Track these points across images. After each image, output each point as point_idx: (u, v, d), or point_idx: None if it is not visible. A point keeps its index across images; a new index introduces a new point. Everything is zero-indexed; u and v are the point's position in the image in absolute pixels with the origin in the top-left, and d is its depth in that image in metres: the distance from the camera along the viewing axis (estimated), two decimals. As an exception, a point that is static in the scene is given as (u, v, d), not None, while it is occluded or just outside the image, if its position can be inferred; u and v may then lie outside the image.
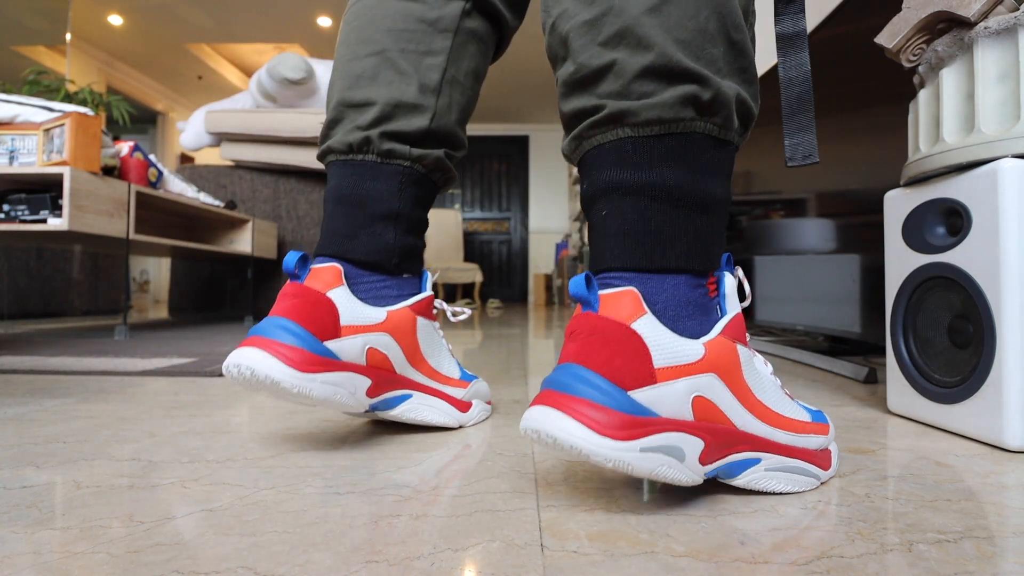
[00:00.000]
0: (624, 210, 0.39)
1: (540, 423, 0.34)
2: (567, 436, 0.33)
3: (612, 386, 0.34)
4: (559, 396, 0.34)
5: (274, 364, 0.44)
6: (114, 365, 1.01)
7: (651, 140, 0.38)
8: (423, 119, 0.55)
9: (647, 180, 0.38)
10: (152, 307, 4.09)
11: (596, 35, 0.39)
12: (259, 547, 0.31)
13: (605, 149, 0.40)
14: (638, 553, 0.31)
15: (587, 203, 0.42)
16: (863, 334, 0.94)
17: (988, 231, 0.53)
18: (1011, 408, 0.50)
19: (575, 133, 0.41)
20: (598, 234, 0.41)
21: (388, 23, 0.56)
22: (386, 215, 0.54)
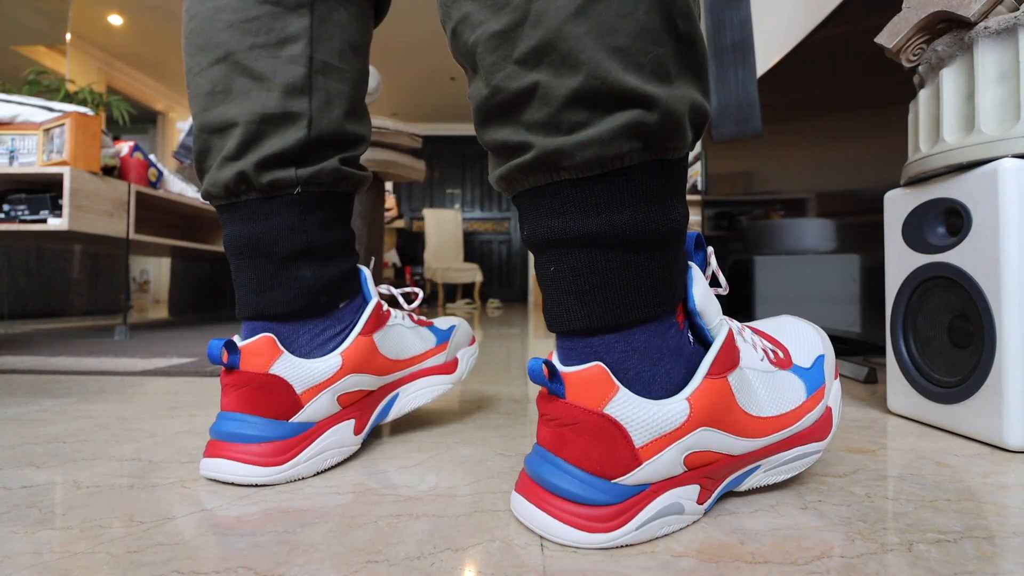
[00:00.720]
0: (574, 265, 0.34)
1: (528, 519, 0.33)
2: (556, 537, 0.32)
3: (594, 479, 0.32)
4: (541, 492, 0.33)
5: (249, 471, 0.41)
6: (114, 365, 1.01)
7: (592, 181, 0.32)
8: (298, 129, 0.46)
9: (594, 229, 0.33)
10: (152, 307, 4.09)
11: (511, 50, 0.32)
12: (259, 547, 0.31)
13: (540, 193, 0.34)
14: (638, 553, 0.31)
15: (532, 250, 0.36)
16: (863, 334, 0.94)
17: (988, 231, 0.53)
18: (1011, 408, 0.50)
19: (503, 173, 0.35)
20: (550, 291, 0.35)
21: (227, 16, 0.45)
22: (295, 255, 0.46)
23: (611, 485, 0.32)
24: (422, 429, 0.58)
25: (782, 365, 0.41)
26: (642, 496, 0.33)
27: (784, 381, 0.40)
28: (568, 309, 0.34)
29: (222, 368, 0.44)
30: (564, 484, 0.32)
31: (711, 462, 0.35)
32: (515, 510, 0.35)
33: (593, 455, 0.32)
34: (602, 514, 0.32)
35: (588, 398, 0.32)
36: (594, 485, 0.32)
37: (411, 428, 0.58)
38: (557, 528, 0.32)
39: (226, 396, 0.43)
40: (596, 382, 0.32)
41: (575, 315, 0.34)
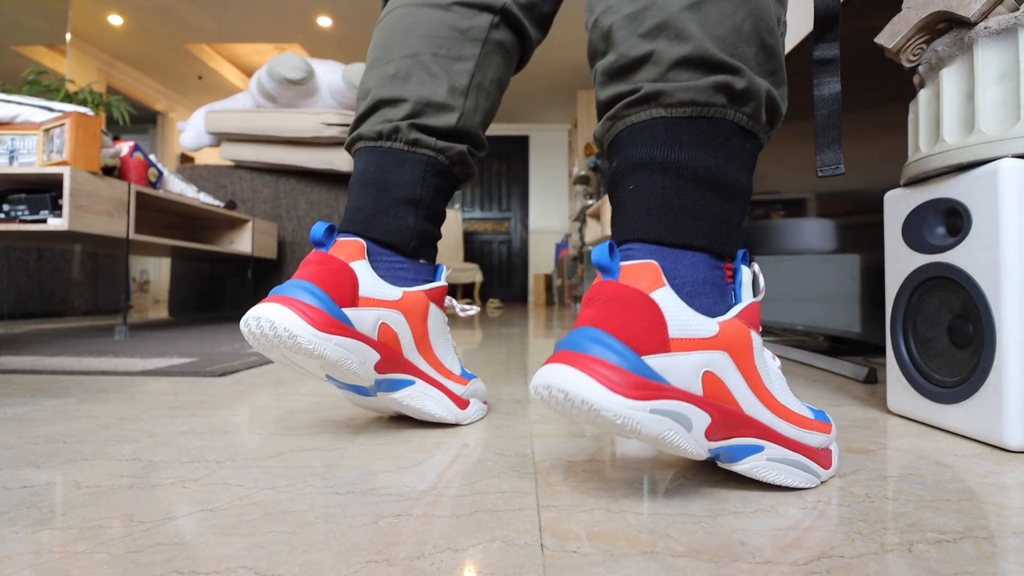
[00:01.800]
0: (652, 185, 0.40)
1: (552, 379, 0.34)
2: (579, 390, 0.33)
3: (627, 348, 0.34)
4: (573, 355, 0.35)
5: (294, 319, 0.45)
6: (114, 365, 1.01)
7: (683, 121, 0.40)
8: (451, 117, 0.59)
9: (676, 159, 0.40)
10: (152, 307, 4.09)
11: (637, 27, 0.42)
12: (259, 547, 0.31)
13: (637, 128, 0.42)
14: (638, 553, 0.31)
15: (615, 180, 0.43)
16: (863, 334, 0.94)
17: (988, 231, 0.53)
18: (1011, 408, 0.50)
19: (610, 114, 0.43)
20: (623, 207, 0.42)
21: (422, 29, 0.59)
22: (408, 200, 0.57)
23: (640, 360, 0.34)
24: (422, 429, 0.58)
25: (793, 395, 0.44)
26: (663, 386, 0.34)
27: (794, 397, 0.43)
28: (636, 220, 0.41)
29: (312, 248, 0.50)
30: (598, 345, 0.34)
31: (724, 400, 0.37)
32: (539, 377, 0.35)
33: (632, 327, 0.35)
34: (626, 380, 0.33)
35: (638, 282, 0.37)
36: (625, 353, 0.34)
37: (411, 428, 0.59)
38: (583, 380, 0.33)
39: (303, 268, 0.50)
40: (648, 273, 0.37)
41: (641, 224, 0.40)
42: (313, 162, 2.39)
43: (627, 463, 0.47)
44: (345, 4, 4.24)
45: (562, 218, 6.52)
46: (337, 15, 4.41)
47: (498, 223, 6.53)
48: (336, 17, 4.45)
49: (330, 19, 4.47)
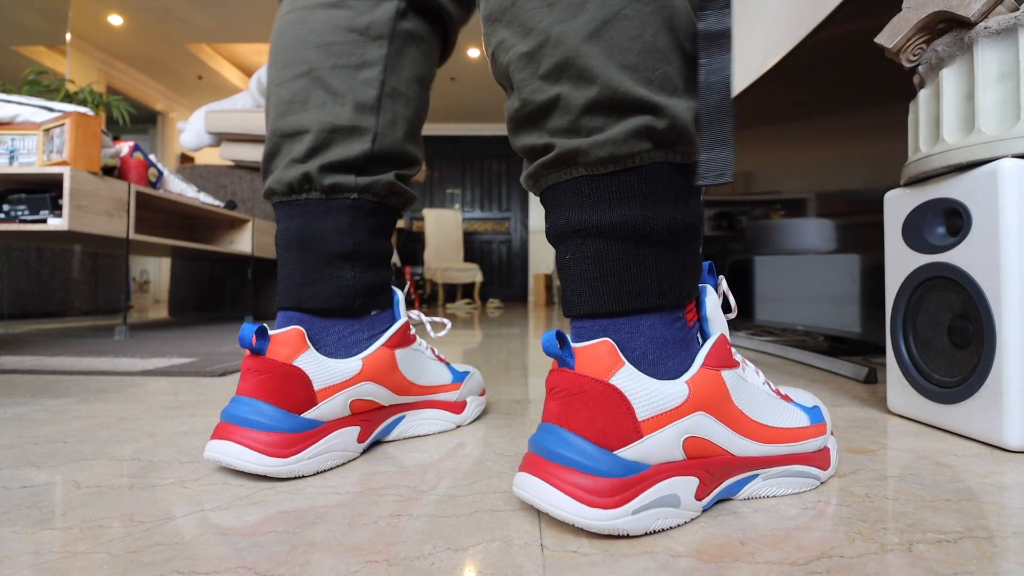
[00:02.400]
0: (587, 253, 0.37)
1: (531, 495, 0.34)
2: (559, 511, 0.32)
3: (597, 449, 0.33)
4: (545, 464, 0.34)
5: (254, 457, 0.41)
6: (114, 365, 1.01)
7: (607, 178, 0.36)
8: (363, 142, 0.50)
9: (607, 220, 0.36)
10: (152, 307, 4.09)
11: (536, 68, 0.36)
12: (259, 547, 0.31)
13: (561, 189, 0.38)
14: (638, 553, 0.31)
15: (554, 243, 0.40)
16: (863, 334, 0.94)
17: (988, 231, 0.53)
18: (1011, 408, 0.50)
19: (530, 172, 0.39)
20: (565, 278, 0.39)
21: (315, 38, 0.50)
22: (340, 255, 0.50)
23: (612, 456, 0.33)
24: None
25: (783, 398, 0.43)
26: (641, 477, 0.33)
27: (785, 406, 0.42)
28: (581, 294, 0.37)
29: (247, 353, 0.45)
30: (567, 452, 0.33)
31: (710, 455, 0.36)
32: (518, 488, 0.35)
33: (597, 423, 0.33)
34: (602, 487, 0.32)
35: (595, 369, 0.34)
36: (595, 455, 0.33)
37: (411, 428, 0.58)
38: (559, 499, 0.32)
39: (245, 380, 0.44)
40: (604, 355, 0.34)
41: (587, 300, 0.37)
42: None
43: (627, 463, 0.47)
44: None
45: (562, 218, 6.51)
46: (337, 15, 4.41)
47: (498, 223, 6.53)
48: (336, 17, 4.44)
49: (330, 19, 4.46)
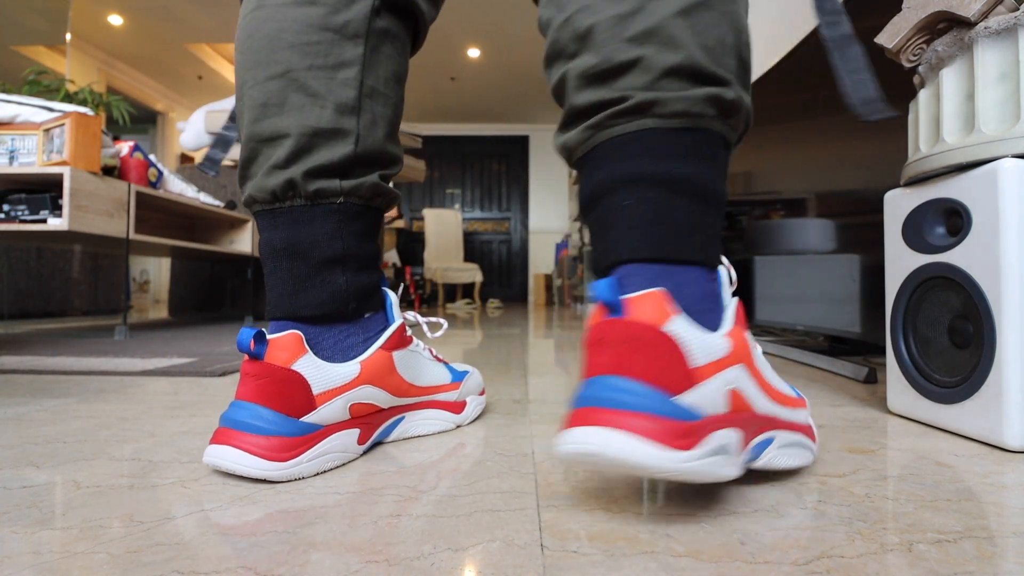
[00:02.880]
0: (650, 199, 0.38)
1: (592, 444, 0.31)
2: (629, 454, 0.31)
3: (658, 393, 0.32)
4: (604, 412, 0.32)
5: (252, 462, 0.41)
6: (114, 365, 1.01)
7: (675, 132, 0.39)
8: (346, 145, 0.50)
9: (671, 172, 0.38)
10: (152, 307, 4.09)
11: (623, 30, 0.39)
12: (259, 547, 0.31)
13: (626, 139, 0.39)
14: (638, 553, 0.31)
15: (597, 195, 0.40)
16: (863, 334, 0.94)
17: (988, 231, 0.53)
18: (1011, 408, 0.50)
19: (591, 123, 0.40)
20: (614, 224, 0.39)
21: (289, 37, 0.49)
22: (331, 260, 0.49)
23: (673, 403, 0.33)
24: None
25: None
26: (701, 424, 0.33)
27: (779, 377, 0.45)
28: (636, 238, 0.39)
29: (245, 357, 0.45)
30: (629, 397, 0.32)
31: (744, 409, 0.38)
32: (572, 446, 0.33)
33: (655, 368, 0.33)
34: (671, 430, 0.31)
35: (649, 316, 0.34)
36: (660, 399, 0.32)
37: (411, 428, 0.58)
38: (628, 442, 0.31)
39: (244, 385, 0.44)
40: (657, 304, 0.34)
41: (643, 243, 0.38)
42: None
43: (627, 463, 0.47)
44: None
45: (562, 218, 6.52)
46: (337, 15, 4.41)
47: (498, 223, 6.53)
48: (336, 17, 4.44)
49: (330, 19, 4.46)
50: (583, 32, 0.40)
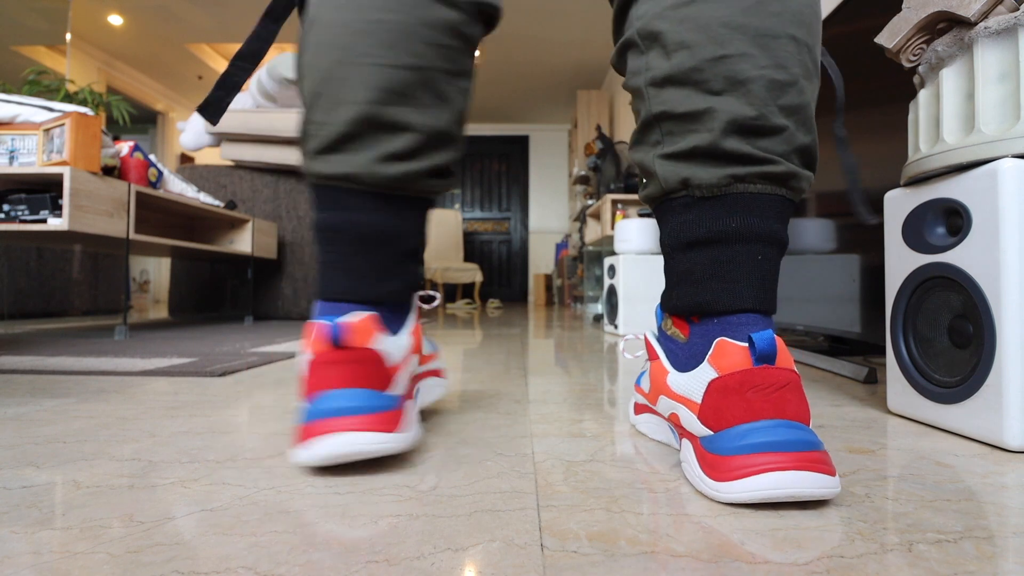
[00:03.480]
0: (771, 260, 0.44)
1: (805, 484, 0.36)
2: (826, 486, 0.37)
3: (811, 432, 0.39)
4: (802, 455, 0.37)
5: (371, 437, 0.42)
6: (114, 365, 1.01)
7: (790, 203, 0.45)
8: (454, 152, 0.53)
9: (783, 238, 0.45)
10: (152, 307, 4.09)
11: (778, 97, 0.43)
12: (259, 547, 0.31)
13: (764, 200, 0.44)
14: (638, 553, 0.31)
15: (726, 237, 0.44)
16: (863, 334, 0.94)
17: (988, 231, 0.53)
18: (1011, 408, 0.50)
19: (736, 173, 0.43)
20: (744, 273, 0.44)
21: (427, 33, 0.48)
22: (412, 251, 0.52)
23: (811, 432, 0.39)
24: (422, 429, 0.58)
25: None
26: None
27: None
28: (757, 290, 0.44)
29: (320, 347, 0.45)
30: (809, 437, 0.38)
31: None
32: (779, 488, 0.36)
33: (804, 406, 0.40)
34: (830, 461, 0.38)
35: (790, 363, 0.41)
36: (810, 435, 0.38)
37: (411, 428, 0.59)
38: (826, 481, 0.37)
39: (329, 373, 0.44)
40: (787, 353, 0.42)
41: (761, 296, 0.44)
42: (313, 162, 2.39)
43: (627, 463, 0.47)
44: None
45: (562, 218, 6.52)
46: (337, 15, 4.40)
47: (498, 223, 6.53)
48: (336, 17, 4.44)
49: (330, 19, 4.46)
50: (741, 79, 0.43)
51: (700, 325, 0.46)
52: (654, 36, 0.45)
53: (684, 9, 0.44)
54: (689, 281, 0.46)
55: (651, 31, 0.45)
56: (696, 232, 0.45)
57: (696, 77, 0.43)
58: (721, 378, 0.41)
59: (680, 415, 0.45)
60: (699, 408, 0.42)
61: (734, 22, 0.43)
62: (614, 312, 2.02)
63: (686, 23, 0.44)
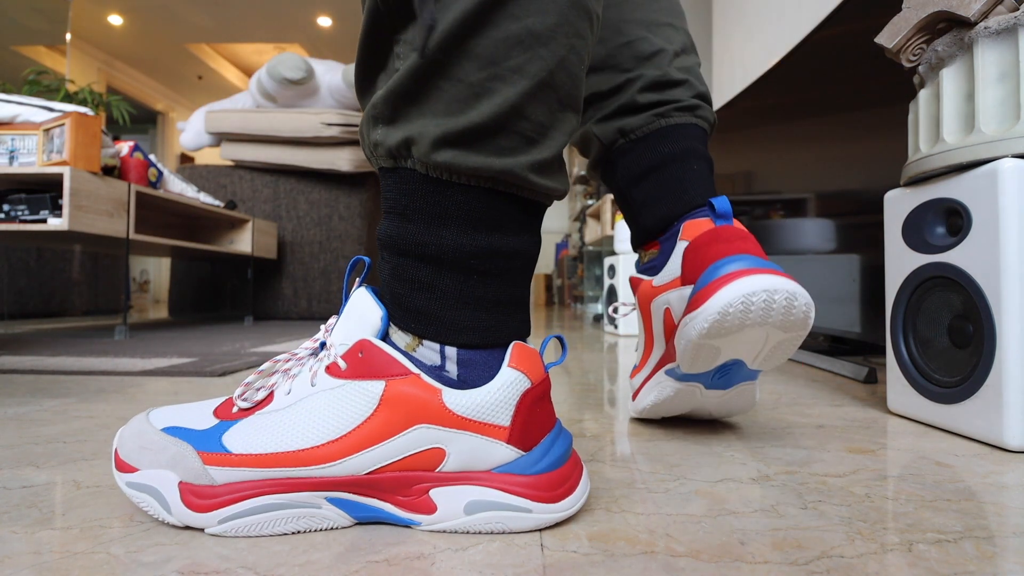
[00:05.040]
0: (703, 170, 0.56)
1: (772, 283, 0.42)
2: (803, 294, 0.43)
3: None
4: (774, 269, 0.43)
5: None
6: (114, 365, 1.01)
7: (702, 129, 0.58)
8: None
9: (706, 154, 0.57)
10: (152, 307, 4.09)
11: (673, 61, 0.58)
12: (259, 547, 0.31)
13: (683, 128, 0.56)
14: (638, 553, 0.31)
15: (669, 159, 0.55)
16: (863, 334, 0.94)
17: (988, 231, 0.53)
18: (1011, 408, 0.50)
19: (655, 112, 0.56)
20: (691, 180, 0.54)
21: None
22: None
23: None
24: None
25: None
26: None
27: None
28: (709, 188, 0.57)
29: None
30: (774, 264, 0.46)
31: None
32: (754, 285, 0.42)
33: (762, 251, 0.50)
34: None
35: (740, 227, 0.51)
36: (775, 264, 0.48)
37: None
38: (798, 287, 0.44)
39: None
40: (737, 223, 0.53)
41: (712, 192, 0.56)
42: (313, 162, 2.39)
43: (627, 463, 0.47)
44: (345, 4, 4.24)
45: (562, 218, 6.51)
46: (337, 15, 4.41)
47: (498, 223, 6.53)
48: (336, 17, 4.45)
49: (330, 19, 4.47)
50: (645, 55, 0.56)
51: (665, 233, 0.56)
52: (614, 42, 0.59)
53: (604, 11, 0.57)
54: (648, 204, 0.56)
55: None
56: (640, 165, 0.56)
57: (611, 62, 0.57)
58: (692, 242, 0.50)
59: (671, 301, 0.52)
60: (680, 278, 0.51)
61: (633, 16, 0.57)
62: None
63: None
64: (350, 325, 0.35)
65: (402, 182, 0.34)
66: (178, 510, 0.33)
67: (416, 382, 0.32)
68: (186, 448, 0.33)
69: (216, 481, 0.33)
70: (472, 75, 0.32)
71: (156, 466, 0.33)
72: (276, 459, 0.32)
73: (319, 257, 2.49)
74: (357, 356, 0.34)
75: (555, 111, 0.35)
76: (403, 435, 0.32)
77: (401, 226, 0.35)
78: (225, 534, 0.32)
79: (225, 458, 0.33)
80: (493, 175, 0.33)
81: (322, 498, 0.33)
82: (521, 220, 0.36)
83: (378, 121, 0.34)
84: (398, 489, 0.33)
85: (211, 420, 0.35)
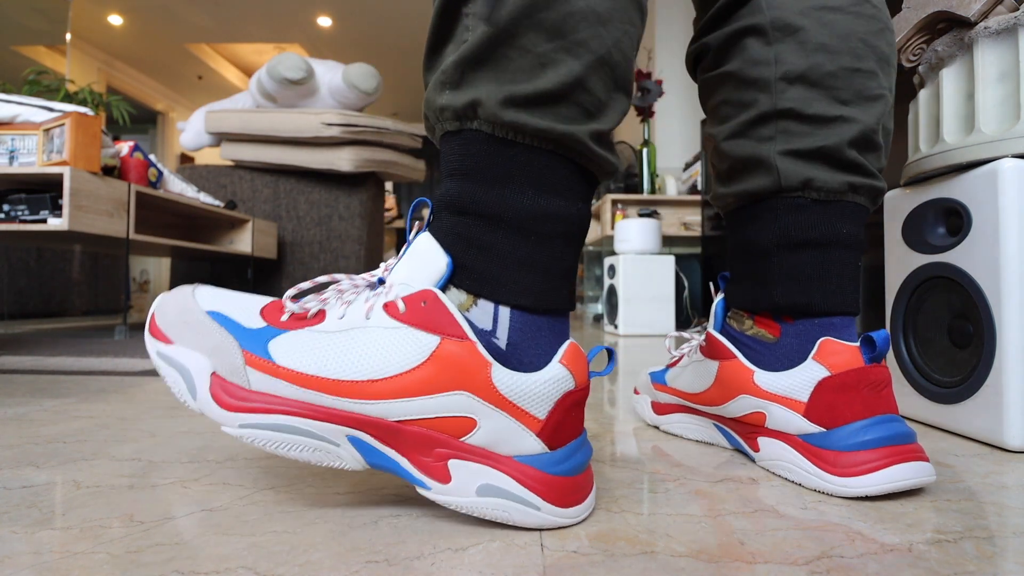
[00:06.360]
0: (860, 267, 0.48)
1: (922, 473, 0.39)
2: (932, 475, 0.40)
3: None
4: (914, 448, 0.40)
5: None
6: (114, 365, 1.01)
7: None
8: None
9: (865, 249, 0.50)
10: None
11: (885, 119, 0.48)
12: (259, 547, 0.31)
13: (863, 212, 0.47)
14: (638, 553, 0.31)
15: (834, 241, 0.46)
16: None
17: (988, 231, 0.53)
18: (1011, 408, 0.50)
19: (852, 182, 0.46)
20: (847, 277, 0.46)
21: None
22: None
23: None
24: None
25: None
26: None
27: None
28: (855, 295, 0.46)
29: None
30: (910, 430, 0.41)
31: None
32: (898, 478, 0.39)
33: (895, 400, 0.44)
34: None
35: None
36: (909, 427, 0.41)
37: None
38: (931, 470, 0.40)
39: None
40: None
41: (856, 300, 0.46)
42: (313, 162, 2.39)
43: (627, 463, 0.47)
44: (345, 4, 4.24)
45: (562, 218, 6.50)
46: (337, 15, 4.41)
47: (498, 223, 6.52)
48: (336, 17, 4.45)
49: (330, 19, 4.47)
50: (868, 96, 0.45)
51: (796, 325, 0.46)
52: (791, 30, 0.46)
53: (828, 14, 0.45)
54: (793, 281, 0.46)
55: (789, 24, 0.46)
56: (809, 234, 0.45)
57: (830, 83, 0.45)
58: (835, 376, 0.41)
59: (771, 414, 0.45)
60: (805, 406, 0.43)
61: (869, 41, 0.45)
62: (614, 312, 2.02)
63: (829, 27, 0.45)
64: (414, 267, 0.35)
65: (467, 143, 0.35)
66: (203, 398, 0.32)
67: (471, 349, 0.33)
68: (231, 342, 0.33)
69: (251, 385, 0.33)
70: (539, 46, 0.34)
71: (194, 348, 0.33)
72: (316, 382, 0.33)
73: (319, 257, 2.49)
74: (419, 304, 0.34)
75: (611, 89, 0.36)
76: (443, 396, 0.32)
77: (463, 186, 0.35)
78: (242, 438, 0.32)
79: (268, 365, 0.33)
80: (556, 137, 0.34)
81: (343, 436, 0.33)
82: (577, 190, 0.37)
83: (445, 86, 0.35)
84: (419, 447, 0.33)
85: (258, 320, 0.35)
